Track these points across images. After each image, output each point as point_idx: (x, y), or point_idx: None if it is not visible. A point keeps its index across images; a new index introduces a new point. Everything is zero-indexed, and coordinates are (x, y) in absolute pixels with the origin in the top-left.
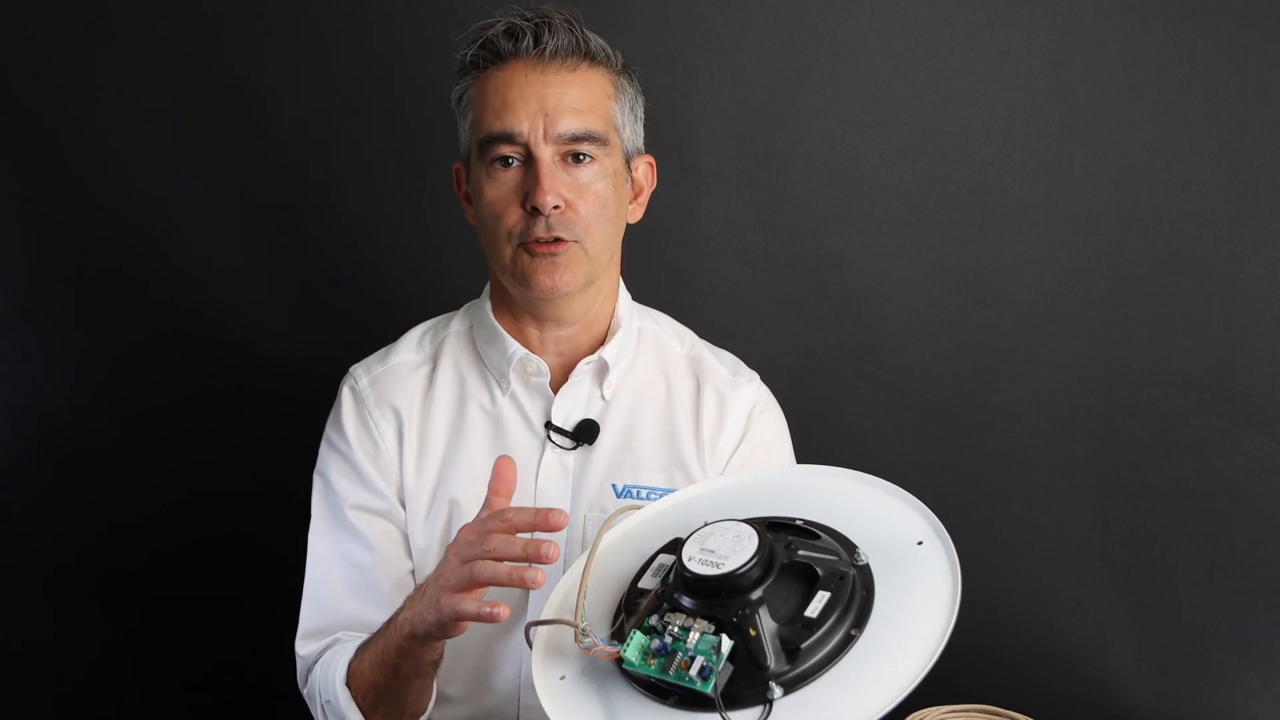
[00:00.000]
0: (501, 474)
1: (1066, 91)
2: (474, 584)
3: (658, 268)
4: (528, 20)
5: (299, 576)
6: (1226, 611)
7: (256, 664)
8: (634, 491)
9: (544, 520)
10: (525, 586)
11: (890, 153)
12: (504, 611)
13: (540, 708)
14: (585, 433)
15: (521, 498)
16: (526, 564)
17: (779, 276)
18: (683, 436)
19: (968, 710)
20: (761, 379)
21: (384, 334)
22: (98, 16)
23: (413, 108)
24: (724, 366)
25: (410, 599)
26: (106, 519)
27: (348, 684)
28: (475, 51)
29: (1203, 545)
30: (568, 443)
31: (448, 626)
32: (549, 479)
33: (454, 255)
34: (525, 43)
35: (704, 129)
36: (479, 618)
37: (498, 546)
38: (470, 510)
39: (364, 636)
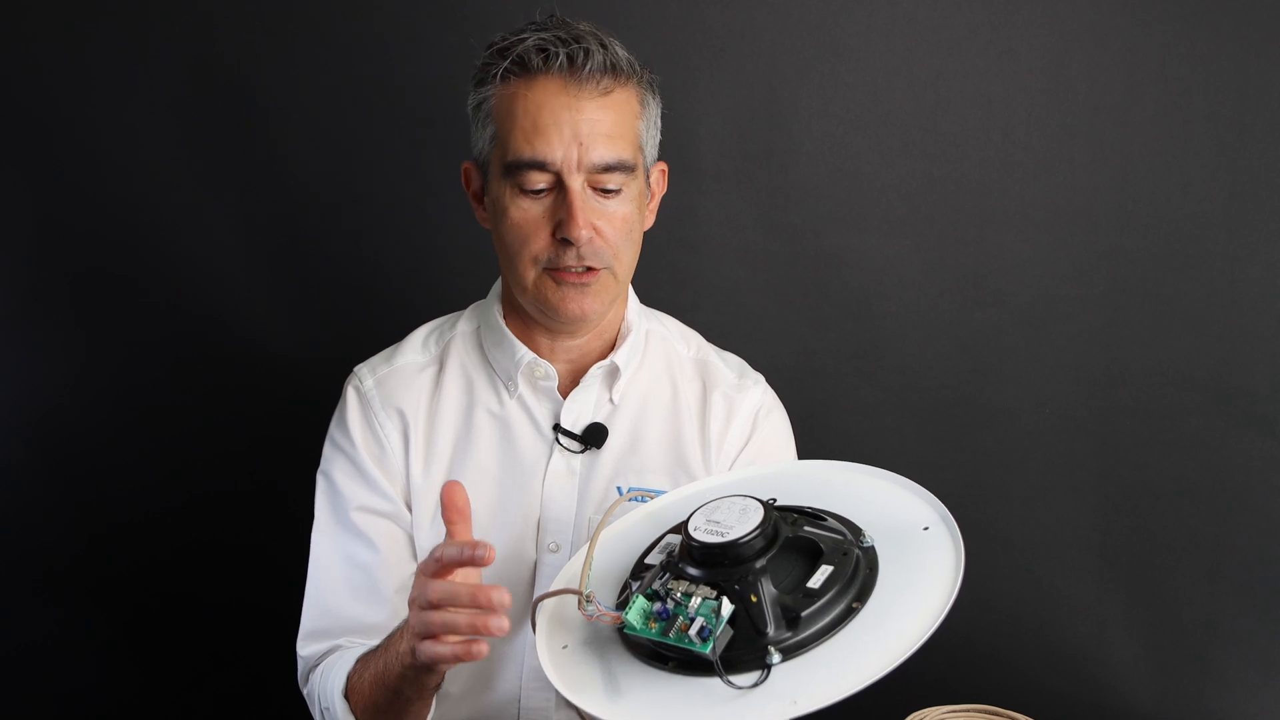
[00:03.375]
0: (451, 500)
1: (1066, 91)
2: (434, 633)
3: (658, 268)
4: (560, 40)
5: (298, 577)
6: (1226, 611)
7: (256, 664)
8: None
9: (470, 555)
10: (485, 633)
11: (890, 153)
12: (483, 649)
13: (542, 709)
14: (593, 436)
15: (528, 500)
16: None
17: (779, 276)
18: (688, 440)
19: (968, 710)
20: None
21: (385, 334)
22: (98, 16)
23: (415, 107)
24: (730, 370)
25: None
26: (106, 519)
27: (346, 696)
28: (501, 64)
29: (1203, 545)
30: (576, 446)
31: (435, 669)
32: (555, 482)
33: (455, 255)
34: (559, 62)
35: (704, 129)
36: (457, 659)
37: (440, 598)
38: (478, 516)
39: (365, 645)
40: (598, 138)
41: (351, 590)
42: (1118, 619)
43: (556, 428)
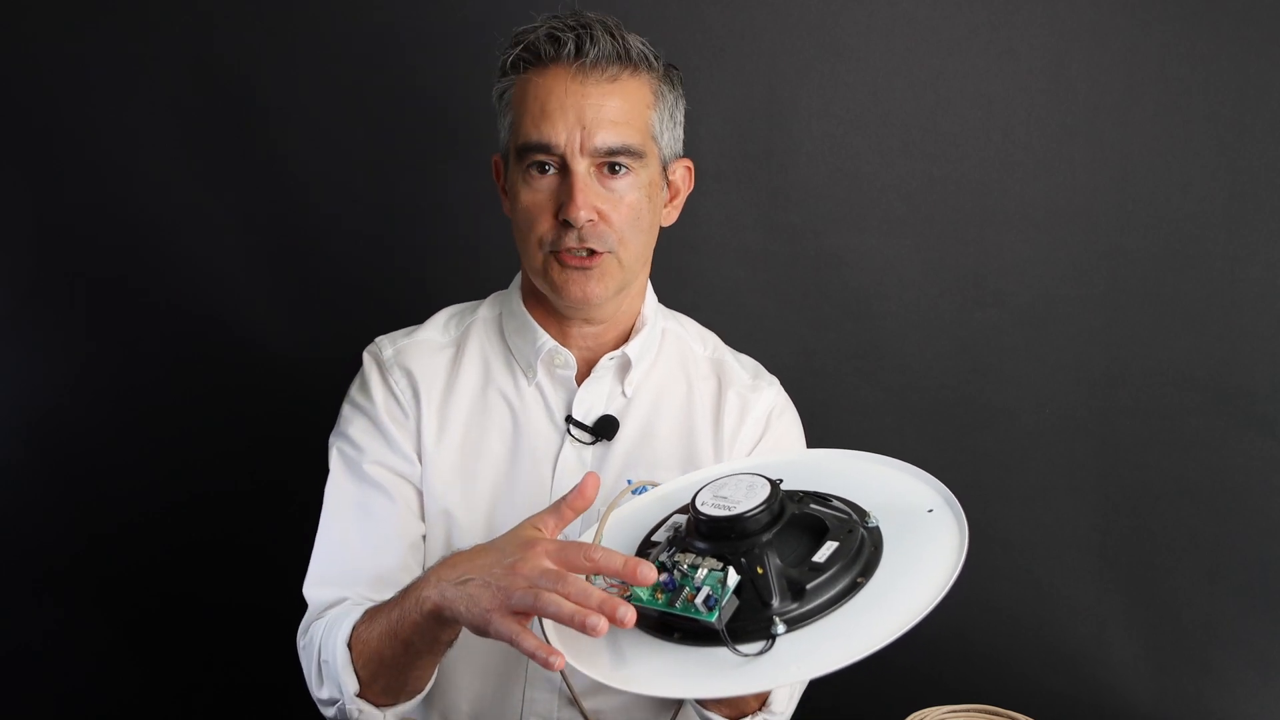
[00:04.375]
0: (584, 491)
1: (1066, 91)
2: (534, 613)
3: (658, 268)
4: (570, 27)
5: (298, 577)
6: (1226, 611)
7: (256, 664)
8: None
9: (631, 573)
10: (586, 632)
11: (890, 153)
12: (560, 662)
13: (545, 702)
14: (605, 428)
15: (538, 489)
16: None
17: (779, 276)
18: (700, 437)
19: (968, 710)
20: None
21: (385, 334)
22: (98, 16)
23: (415, 107)
24: (745, 370)
25: (435, 574)
26: (106, 519)
27: (350, 647)
28: (517, 54)
29: (1203, 545)
30: (587, 437)
31: (485, 634)
32: (566, 472)
33: (455, 254)
34: (567, 49)
35: (704, 129)
36: (533, 658)
37: (575, 592)
38: (487, 500)
39: (373, 601)
40: (603, 122)
41: (364, 538)
42: (1118, 619)
43: (569, 419)
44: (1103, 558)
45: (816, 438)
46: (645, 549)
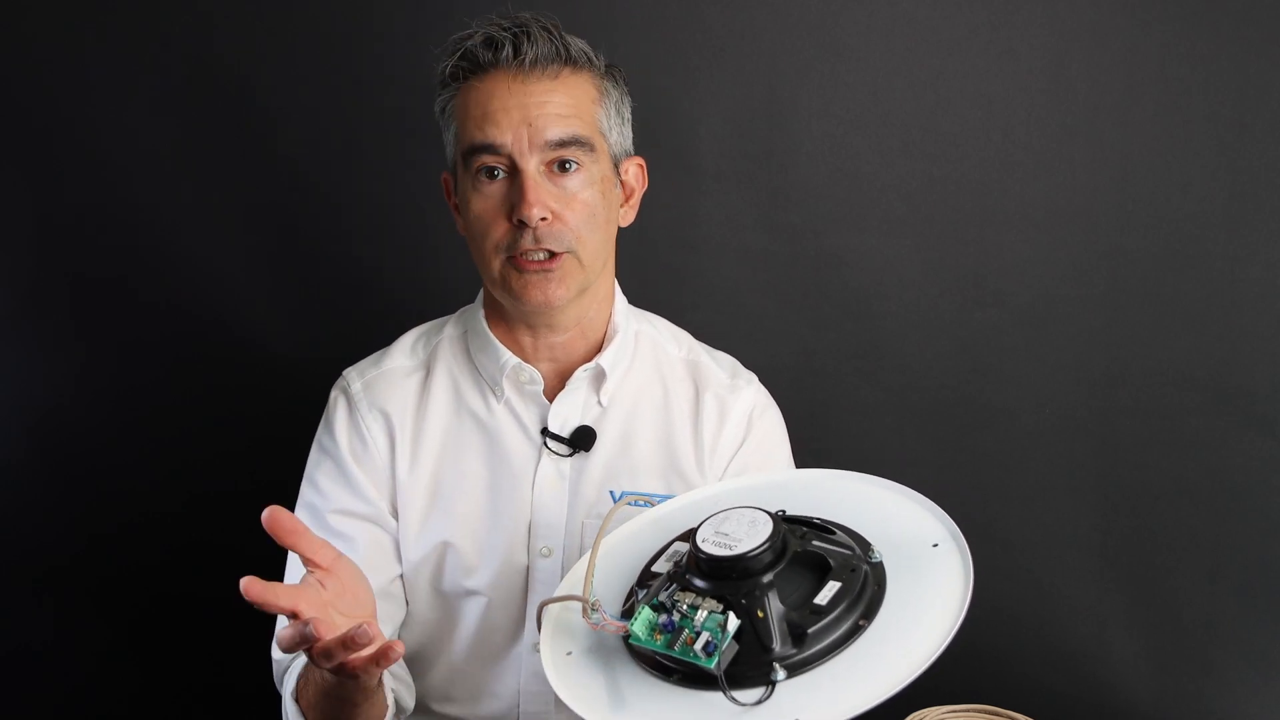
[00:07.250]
0: (276, 524)
1: (1066, 91)
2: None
3: (657, 269)
4: (506, 30)
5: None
6: (1226, 611)
7: (256, 665)
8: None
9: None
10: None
11: (890, 153)
12: (399, 650)
13: (540, 713)
14: (582, 439)
15: (519, 505)
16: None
17: (779, 276)
18: (681, 442)
19: (968, 710)
20: (761, 379)
21: (385, 334)
22: (98, 16)
23: (415, 107)
24: (722, 370)
25: None
26: (106, 519)
27: (296, 699)
28: (455, 63)
29: (1203, 545)
30: (564, 450)
31: (342, 675)
32: (545, 486)
33: (455, 255)
34: (505, 52)
35: (704, 129)
36: (378, 664)
37: (321, 652)
38: (469, 521)
39: None
40: (548, 117)
41: None
42: (1118, 619)
43: (544, 432)
44: (1103, 558)
45: (816, 438)
46: (646, 579)
